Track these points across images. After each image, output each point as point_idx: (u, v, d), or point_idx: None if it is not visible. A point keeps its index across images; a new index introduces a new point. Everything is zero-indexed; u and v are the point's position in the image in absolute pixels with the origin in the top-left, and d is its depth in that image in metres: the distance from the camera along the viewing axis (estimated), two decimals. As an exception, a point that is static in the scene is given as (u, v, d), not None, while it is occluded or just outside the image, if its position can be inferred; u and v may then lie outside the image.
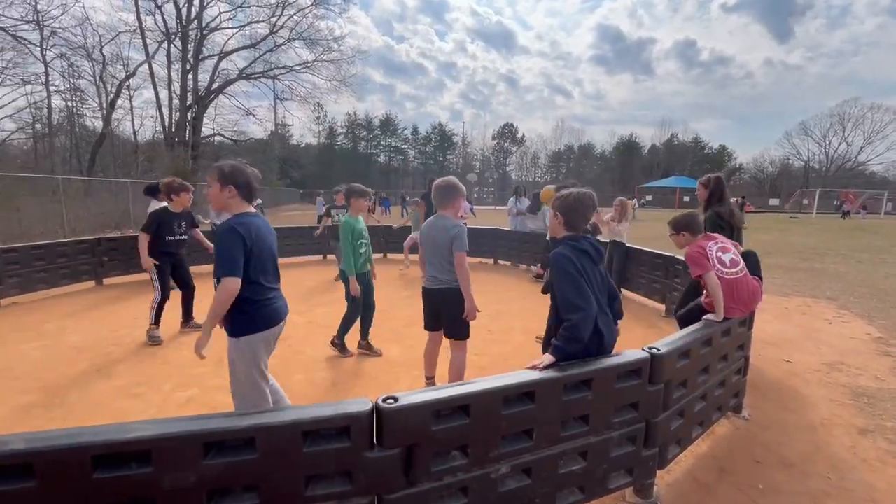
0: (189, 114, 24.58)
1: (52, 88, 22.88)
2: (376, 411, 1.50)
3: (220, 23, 25.19)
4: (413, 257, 8.72)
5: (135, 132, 28.17)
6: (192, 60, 24.17)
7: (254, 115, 28.53)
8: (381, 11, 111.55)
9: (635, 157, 63.62)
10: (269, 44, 26.02)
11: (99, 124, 24.37)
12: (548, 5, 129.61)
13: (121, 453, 1.29)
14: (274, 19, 25.39)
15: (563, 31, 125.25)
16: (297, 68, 27.20)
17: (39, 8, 18.27)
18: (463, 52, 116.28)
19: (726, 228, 3.87)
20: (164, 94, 24.05)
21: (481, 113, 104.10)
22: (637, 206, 25.38)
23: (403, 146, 67.99)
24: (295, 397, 3.33)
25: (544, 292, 2.66)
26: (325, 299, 6.27)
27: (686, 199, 42.00)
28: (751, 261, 2.99)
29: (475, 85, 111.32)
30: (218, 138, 28.27)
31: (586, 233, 2.11)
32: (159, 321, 4.44)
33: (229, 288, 2.06)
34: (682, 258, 4.17)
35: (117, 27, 23.25)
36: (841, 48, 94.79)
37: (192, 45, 24.08)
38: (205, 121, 26.16)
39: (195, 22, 23.90)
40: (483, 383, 1.68)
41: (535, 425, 1.76)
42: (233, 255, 2.07)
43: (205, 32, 24.57)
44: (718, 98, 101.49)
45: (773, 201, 44.89)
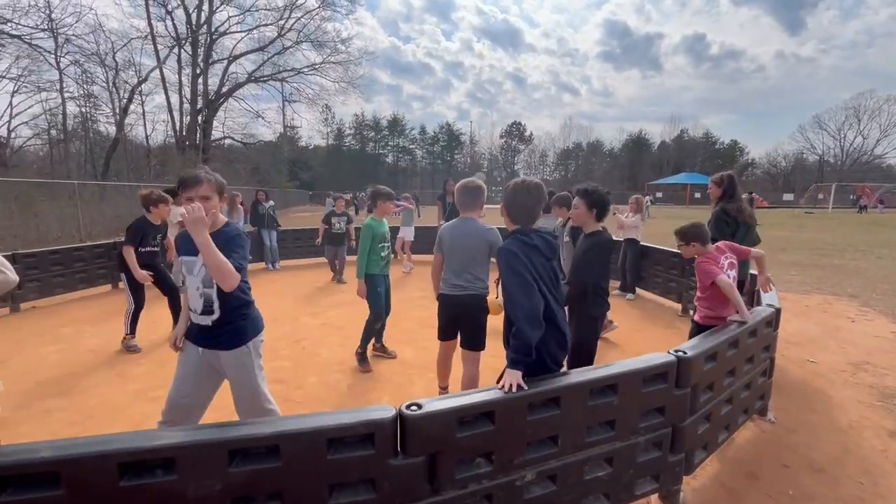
0: (199, 117, 24.85)
1: (66, 95, 23.27)
2: (400, 418, 1.48)
3: (229, 27, 25.46)
4: (415, 257, 8.75)
5: (147, 137, 28.57)
6: (202, 65, 24.44)
7: (263, 118, 28.85)
8: (387, 12, 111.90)
9: (645, 154, 62.96)
10: (277, 46, 26.26)
11: (112, 129, 24.75)
12: (554, 2, 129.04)
13: (146, 461, 1.29)
14: (282, 22, 25.60)
15: (570, 28, 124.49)
16: (305, 70, 27.40)
17: (54, 16, 18.58)
18: (469, 51, 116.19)
19: (731, 224, 3.82)
20: (175, 99, 24.39)
21: (488, 112, 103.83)
22: (650, 203, 25.07)
23: (411, 146, 68.05)
24: (310, 400, 3.33)
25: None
26: (338, 300, 6.28)
27: (697, 195, 41.47)
28: None
29: (482, 84, 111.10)
30: (228, 141, 28.56)
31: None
32: (135, 331, 4.41)
33: (236, 276, 2.00)
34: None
35: (129, 33, 23.58)
36: (855, 39, 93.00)
37: (202, 49, 24.35)
38: (215, 124, 26.45)
39: (205, 27, 24.16)
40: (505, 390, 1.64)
41: (561, 431, 1.73)
42: (247, 256, 2.13)
43: (214, 37, 24.83)
44: (729, 92, 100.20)
45: (787, 196, 44.09)
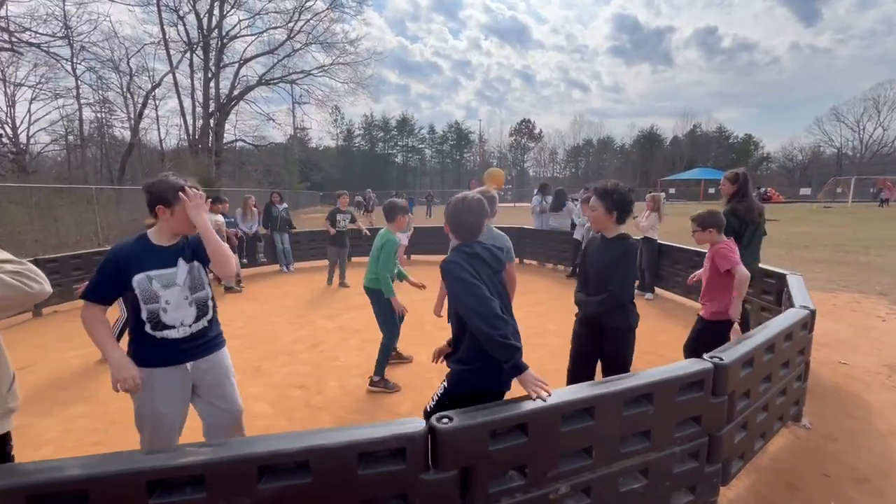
0: (211, 121, 25.11)
1: (82, 101, 23.66)
2: (431, 431, 1.43)
3: (240, 31, 25.65)
4: (417, 258, 8.67)
5: (161, 141, 29.00)
6: (213, 69, 24.67)
7: (273, 120, 29.03)
8: (395, 12, 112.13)
9: (657, 150, 62.13)
10: (286, 49, 26.37)
11: (127, 134, 25.14)
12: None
13: (175, 478, 1.26)
14: (291, 24, 25.70)
15: (578, 24, 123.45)
16: (315, 72, 27.48)
17: (70, 25, 18.90)
18: (477, 49, 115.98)
19: (737, 226, 3.73)
20: (187, 103, 24.67)
21: (497, 110, 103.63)
22: (665, 200, 24.66)
23: (420, 146, 68.10)
24: (331, 406, 3.31)
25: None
26: (353, 303, 6.26)
27: (711, 191, 40.73)
28: None
29: (490, 82, 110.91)
30: (239, 144, 28.82)
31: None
32: (121, 339, 4.43)
33: (234, 259, 2.04)
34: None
35: (142, 39, 23.90)
36: (873, 28, 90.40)
37: (214, 53, 24.57)
38: (226, 127, 26.69)
39: (216, 31, 24.39)
40: (539, 401, 1.59)
41: (595, 442, 1.67)
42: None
43: (225, 41, 25.04)
44: (743, 86, 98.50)
45: (804, 191, 43.06)
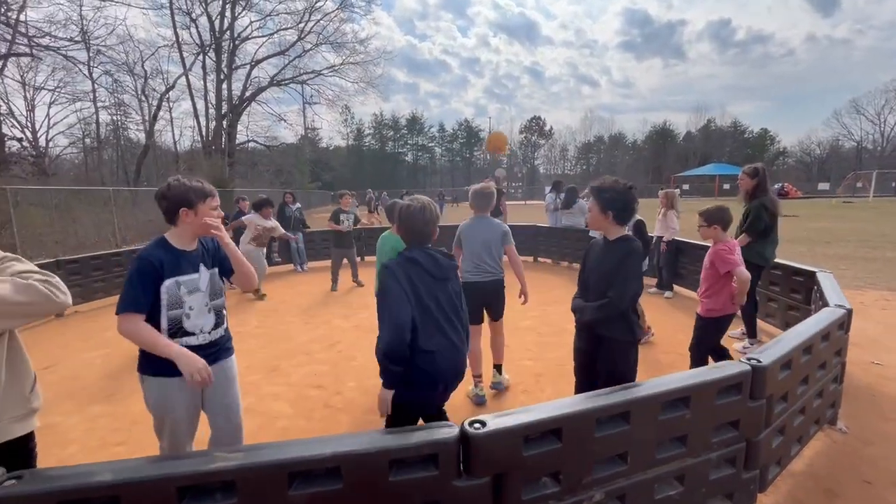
0: (224, 122, 25.36)
1: (98, 104, 24.11)
2: (464, 437, 1.39)
3: (251, 32, 25.84)
4: None
5: (175, 142, 29.42)
6: (225, 70, 24.91)
7: (285, 121, 29.25)
8: (403, 11, 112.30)
9: (669, 145, 61.25)
10: (297, 50, 26.49)
11: (142, 136, 25.52)
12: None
13: (205, 484, 1.23)
14: (301, 25, 25.82)
15: (588, 19, 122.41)
16: (325, 72, 27.58)
17: (87, 29, 19.22)
18: (486, 46, 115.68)
19: (768, 220, 3.80)
20: (200, 105, 24.98)
21: (506, 107, 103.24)
22: (679, 196, 24.24)
23: (430, 144, 68.09)
24: (351, 407, 3.29)
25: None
26: (367, 302, 6.24)
27: (726, 186, 40.01)
28: None
29: (499, 79, 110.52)
30: (252, 144, 29.07)
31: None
32: None
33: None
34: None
35: (156, 42, 24.26)
36: (894, 19, 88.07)
37: (226, 55, 24.81)
38: (239, 128, 26.93)
39: (227, 33, 24.61)
40: (574, 404, 1.54)
41: (630, 448, 1.61)
42: None
43: (237, 42, 25.26)
44: (757, 79, 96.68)
45: (823, 186, 42.10)
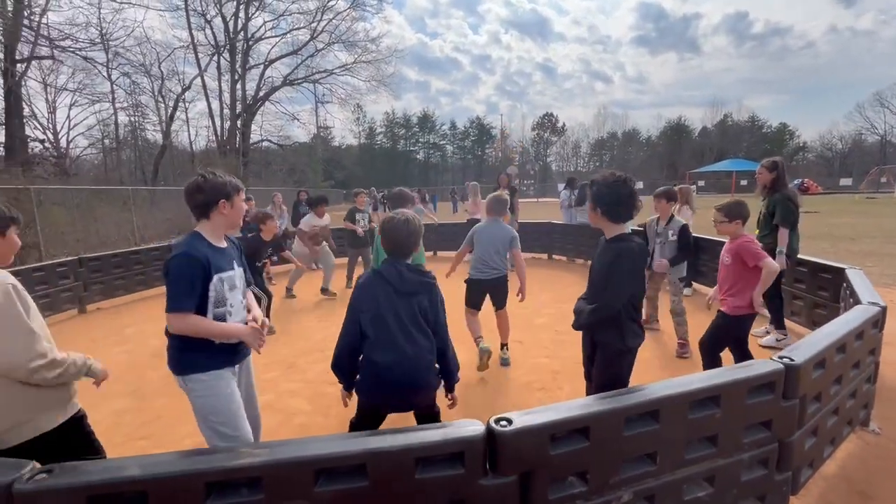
0: (238, 122, 25.68)
1: (117, 105, 24.59)
2: (490, 435, 1.36)
3: (264, 32, 26.12)
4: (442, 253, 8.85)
5: (191, 142, 29.86)
6: (239, 70, 25.22)
7: (298, 120, 29.50)
8: (414, 9, 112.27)
9: (684, 141, 60.24)
10: (309, 49, 26.71)
11: (159, 137, 25.98)
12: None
13: (232, 480, 1.23)
14: (314, 25, 26.01)
15: (601, 14, 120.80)
16: (337, 71, 27.75)
17: (105, 32, 19.59)
18: (497, 43, 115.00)
19: (796, 212, 3.82)
20: (215, 105, 25.35)
21: (518, 104, 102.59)
22: (695, 193, 23.82)
23: (442, 142, 68.04)
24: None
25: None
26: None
27: (743, 182, 39.14)
28: None
29: (511, 76, 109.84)
30: (265, 144, 29.39)
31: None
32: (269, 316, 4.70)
33: None
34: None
35: (172, 44, 24.59)
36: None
37: (240, 55, 25.12)
38: (253, 127, 27.28)
39: (241, 33, 24.90)
40: (602, 402, 1.50)
41: (659, 447, 1.57)
42: None
43: (250, 43, 25.55)
44: (776, 72, 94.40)
45: (845, 181, 40.94)
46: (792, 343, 3.87)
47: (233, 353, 1.93)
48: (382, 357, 1.86)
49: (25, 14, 14.43)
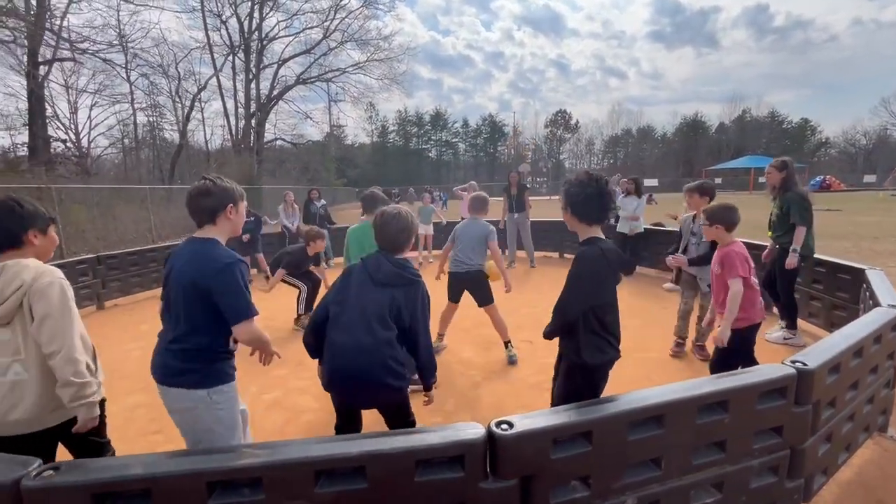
0: (253, 121, 26.00)
1: (136, 106, 25.11)
2: (490, 438, 1.35)
3: (278, 32, 26.39)
4: (436, 252, 9.04)
5: (206, 141, 30.34)
6: (254, 70, 25.52)
7: (311, 118, 29.76)
8: (427, 6, 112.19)
9: (701, 138, 59.15)
10: (322, 48, 26.91)
11: (176, 136, 26.42)
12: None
13: (234, 480, 1.24)
14: (326, 24, 26.18)
15: (615, 9, 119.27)
16: (350, 70, 27.90)
17: (124, 33, 19.99)
18: (510, 40, 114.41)
19: (810, 210, 3.77)
20: (230, 104, 25.70)
21: (531, 101, 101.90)
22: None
23: (454, 140, 67.99)
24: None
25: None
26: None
27: (762, 179, 38.07)
28: None
29: (523, 73, 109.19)
30: (279, 142, 29.72)
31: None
32: (311, 308, 4.91)
33: None
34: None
35: (189, 45, 25.05)
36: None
37: (254, 55, 25.41)
38: (267, 126, 27.59)
39: (256, 33, 25.18)
40: (606, 406, 1.48)
41: (665, 452, 1.54)
42: None
43: (264, 43, 25.83)
44: (797, 66, 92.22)
45: (869, 178, 39.74)
46: (801, 342, 3.80)
47: (232, 361, 1.92)
48: (338, 337, 1.87)
49: (46, 17, 14.78)
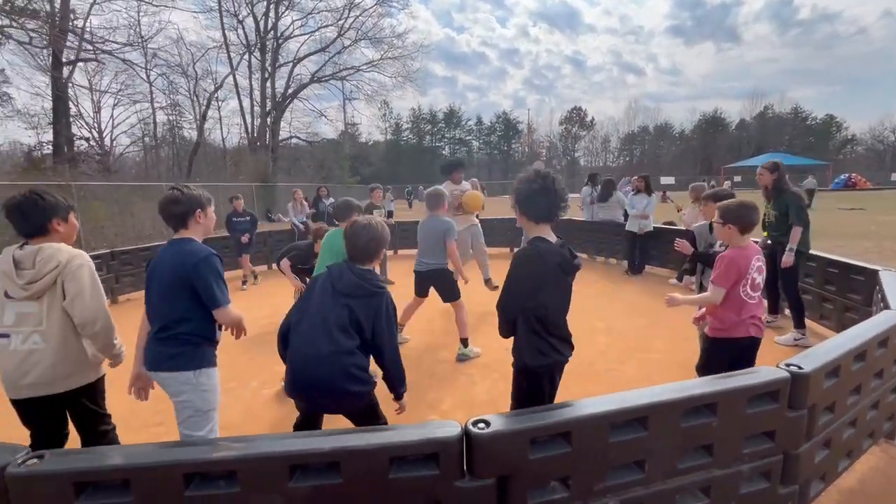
0: (268, 119, 26.36)
1: (156, 105, 25.74)
2: (466, 437, 1.35)
3: (293, 31, 26.67)
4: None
5: (223, 139, 30.89)
6: (269, 69, 25.86)
7: (325, 116, 30.01)
8: (441, 3, 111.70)
9: (720, 135, 57.78)
10: (337, 46, 27.13)
11: (194, 134, 26.96)
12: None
13: (210, 472, 1.26)
14: (341, 22, 26.37)
15: (633, 4, 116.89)
16: (364, 68, 28.07)
17: (143, 34, 20.46)
18: (525, 36, 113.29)
19: (806, 210, 3.93)
20: (246, 103, 26.15)
21: (546, 98, 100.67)
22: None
23: (468, 138, 67.72)
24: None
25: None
26: (396, 295, 6.29)
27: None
28: None
29: (539, 70, 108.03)
30: (294, 140, 30.06)
31: None
32: None
33: None
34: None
35: (206, 44, 25.49)
36: None
37: (270, 54, 25.73)
38: (282, 124, 27.93)
39: (271, 32, 25.49)
40: (586, 407, 1.46)
41: (648, 455, 1.51)
42: None
43: (280, 41, 26.13)
44: (823, 61, 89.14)
45: (897, 176, 38.36)
46: (809, 343, 3.61)
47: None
48: (299, 345, 1.88)
49: (70, 19, 15.20)
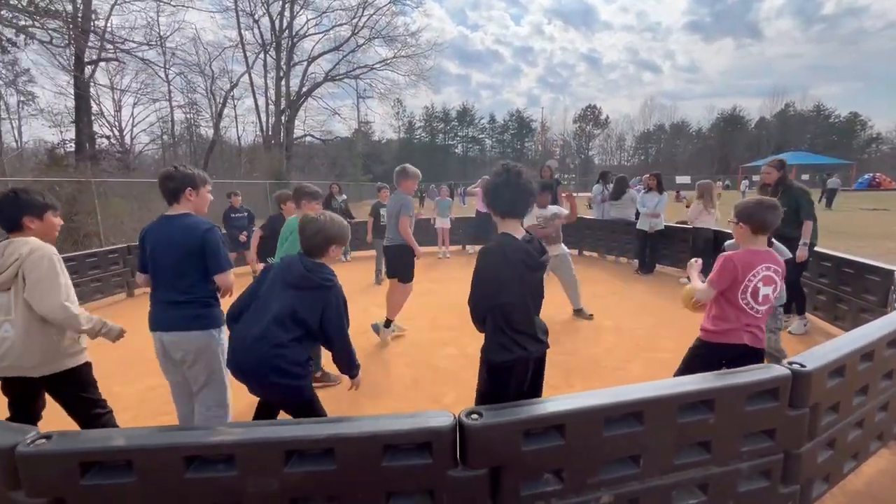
0: (283, 117, 26.66)
1: (174, 103, 26.20)
2: (459, 427, 1.37)
3: (308, 30, 26.87)
4: (453, 247, 9.40)
5: (238, 137, 31.33)
6: (284, 67, 26.12)
7: (339, 115, 30.18)
8: (455, 1, 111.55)
9: (739, 133, 56.64)
10: (351, 45, 27.24)
11: (211, 132, 27.38)
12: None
13: (209, 456, 1.30)
14: (355, 21, 26.48)
15: (651, 0, 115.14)
16: (377, 66, 28.14)
17: (162, 34, 20.82)
18: (540, 34, 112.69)
19: (813, 204, 3.98)
20: (261, 101, 26.45)
21: (560, 97, 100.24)
22: (721, 188, 22.19)
23: (481, 136, 67.60)
24: (374, 391, 3.35)
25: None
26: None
27: (804, 177, 36.24)
28: None
29: (553, 68, 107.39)
30: (308, 139, 30.34)
31: None
32: None
33: None
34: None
35: (222, 44, 25.83)
36: None
37: (285, 53, 26.00)
38: (296, 123, 28.21)
39: (286, 31, 25.75)
40: (580, 400, 1.46)
41: (643, 451, 1.51)
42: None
43: (295, 40, 26.38)
44: (848, 57, 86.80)
45: (924, 175, 37.05)
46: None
47: None
48: (237, 330, 1.98)
49: (91, 19, 15.57)
